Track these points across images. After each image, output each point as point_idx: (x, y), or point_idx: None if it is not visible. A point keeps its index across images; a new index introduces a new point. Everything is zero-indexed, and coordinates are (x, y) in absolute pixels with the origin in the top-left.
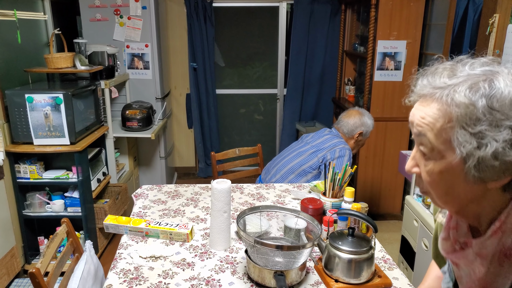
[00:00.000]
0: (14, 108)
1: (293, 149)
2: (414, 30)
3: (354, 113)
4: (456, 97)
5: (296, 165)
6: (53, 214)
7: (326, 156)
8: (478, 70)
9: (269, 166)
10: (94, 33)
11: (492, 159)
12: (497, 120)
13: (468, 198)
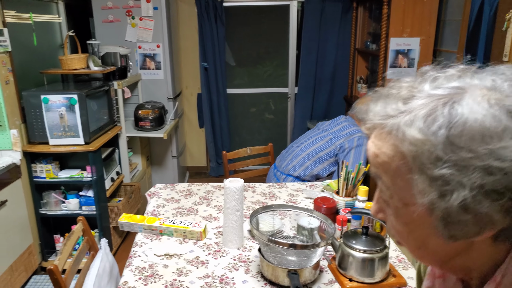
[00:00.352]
0: (31, 109)
1: (309, 136)
2: (428, 27)
3: (364, 100)
4: (409, 131)
5: (313, 151)
6: (68, 212)
7: (344, 144)
8: (443, 87)
9: (284, 153)
10: (106, 34)
11: (461, 212)
12: (462, 159)
13: (448, 254)
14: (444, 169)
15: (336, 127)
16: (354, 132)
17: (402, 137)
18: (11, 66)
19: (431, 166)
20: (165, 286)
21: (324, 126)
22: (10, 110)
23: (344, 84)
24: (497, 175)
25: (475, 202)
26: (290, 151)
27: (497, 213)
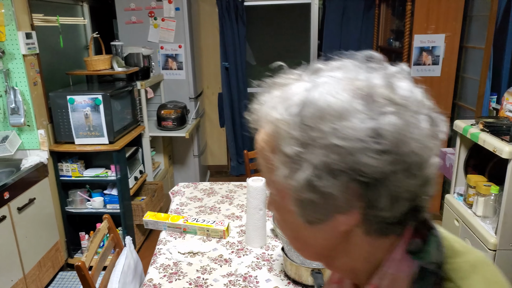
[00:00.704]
0: (57, 109)
1: None
2: (454, 23)
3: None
4: (272, 113)
5: None
6: (93, 210)
7: None
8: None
9: None
10: (129, 35)
11: (308, 192)
12: (310, 138)
13: (323, 246)
14: (294, 147)
15: None
16: None
17: (266, 120)
18: (39, 68)
19: (285, 145)
20: (189, 283)
21: None
22: (37, 110)
23: None
24: (341, 154)
25: (320, 181)
26: None
27: (342, 194)
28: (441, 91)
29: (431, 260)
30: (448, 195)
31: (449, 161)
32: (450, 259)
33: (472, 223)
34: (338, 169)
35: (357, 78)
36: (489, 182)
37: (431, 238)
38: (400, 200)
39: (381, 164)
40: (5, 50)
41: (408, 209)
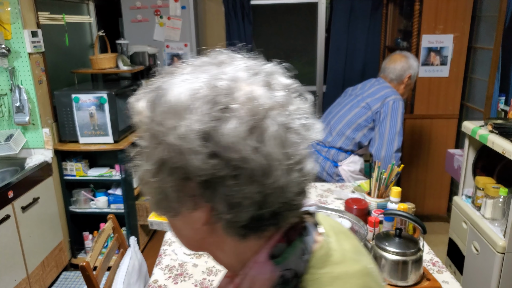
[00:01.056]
0: (62, 108)
1: (343, 104)
2: (462, 23)
3: (399, 57)
4: (138, 103)
5: (351, 119)
6: (97, 210)
7: (379, 110)
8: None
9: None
10: (135, 34)
11: (149, 185)
12: (156, 132)
13: (192, 237)
14: (143, 140)
15: (369, 91)
16: (388, 94)
17: (135, 110)
18: (44, 66)
19: (139, 137)
20: (195, 285)
21: (356, 91)
22: (42, 109)
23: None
24: (175, 153)
25: (158, 177)
26: (327, 123)
27: (179, 193)
28: (449, 92)
29: (289, 267)
30: (456, 197)
31: (457, 162)
32: (314, 269)
33: (480, 225)
34: (173, 167)
35: (204, 79)
36: (497, 184)
37: (296, 244)
38: (242, 205)
39: (210, 167)
40: (11, 48)
41: (260, 214)
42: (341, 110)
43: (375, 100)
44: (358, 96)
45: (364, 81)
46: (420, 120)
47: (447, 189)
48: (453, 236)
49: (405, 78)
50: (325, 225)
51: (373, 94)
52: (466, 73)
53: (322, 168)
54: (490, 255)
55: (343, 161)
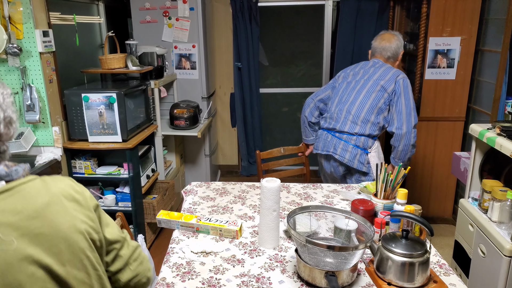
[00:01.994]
0: (72, 107)
1: (358, 90)
2: (470, 26)
3: (391, 36)
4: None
5: (372, 104)
6: (105, 208)
7: (395, 90)
8: None
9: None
10: (144, 34)
11: None
12: None
13: None
14: None
15: (377, 73)
16: (395, 73)
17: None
18: (55, 66)
19: None
20: (202, 283)
21: (364, 76)
22: (53, 107)
23: None
24: None
25: None
26: (347, 112)
27: None
28: (456, 94)
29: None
30: (462, 199)
31: (464, 165)
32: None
33: (487, 228)
34: None
35: None
36: (505, 187)
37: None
38: None
39: None
40: (22, 47)
41: None
42: (359, 97)
43: (388, 82)
44: (370, 79)
45: (361, 64)
46: (426, 123)
47: (452, 192)
48: (459, 238)
49: (400, 55)
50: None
51: (383, 76)
52: (473, 76)
53: (353, 156)
54: (497, 258)
55: (371, 147)
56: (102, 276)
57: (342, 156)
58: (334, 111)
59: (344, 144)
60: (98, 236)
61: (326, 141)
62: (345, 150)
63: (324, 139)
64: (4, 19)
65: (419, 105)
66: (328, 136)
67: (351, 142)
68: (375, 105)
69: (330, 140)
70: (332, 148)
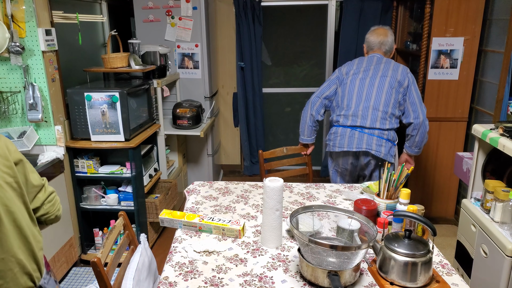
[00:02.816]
0: (74, 106)
1: (375, 87)
2: (473, 26)
3: (386, 31)
4: None
5: (395, 99)
6: (107, 207)
7: (408, 84)
8: None
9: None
10: (147, 33)
11: None
12: None
13: None
14: None
15: (390, 69)
16: (404, 68)
17: None
18: (57, 65)
19: None
20: (205, 282)
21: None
22: (55, 106)
23: None
24: None
25: None
26: (374, 109)
27: None
28: (459, 94)
29: None
30: (464, 199)
31: (466, 165)
32: None
33: (489, 228)
34: None
35: None
36: (507, 187)
37: None
38: None
39: None
40: (25, 46)
41: None
42: (381, 94)
43: (402, 77)
44: (385, 77)
45: (364, 61)
46: (429, 123)
47: (455, 192)
48: (461, 239)
49: (394, 49)
50: None
51: (396, 72)
52: (476, 76)
53: (387, 150)
54: (499, 259)
55: (396, 140)
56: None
57: (378, 152)
58: (358, 109)
59: (378, 139)
60: (14, 180)
61: (353, 138)
62: (380, 145)
63: (350, 136)
64: (6, 18)
65: None
66: (355, 133)
67: (384, 137)
68: (396, 100)
69: (359, 137)
70: (365, 145)
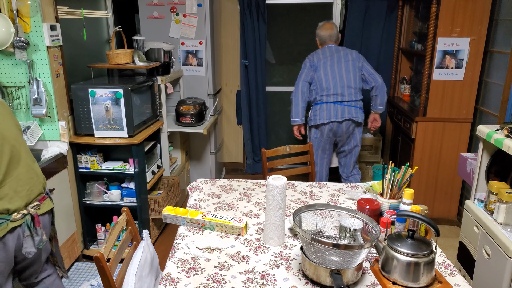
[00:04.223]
0: (78, 101)
1: (343, 71)
2: (479, 26)
3: (331, 25)
4: None
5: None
6: (110, 203)
7: (362, 62)
8: None
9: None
10: (151, 30)
11: None
12: None
13: None
14: None
15: (348, 54)
16: (355, 52)
17: None
18: (62, 60)
19: None
20: (207, 279)
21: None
22: (59, 102)
23: (387, 84)
24: None
25: None
26: (349, 87)
27: None
28: (464, 95)
29: None
30: (468, 201)
31: (470, 166)
32: None
33: (492, 230)
34: None
35: None
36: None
37: None
38: None
39: None
40: (29, 41)
41: None
42: (350, 76)
43: (356, 57)
44: (348, 62)
45: (325, 51)
46: (433, 123)
47: (458, 193)
48: (464, 239)
49: (339, 37)
50: None
51: (352, 56)
52: (481, 77)
53: (361, 116)
54: (502, 260)
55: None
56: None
57: (357, 117)
58: (337, 89)
59: (355, 109)
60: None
61: (337, 111)
62: (357, 112)
63: (334, 109)
64: (11, 13)
65: (426, 106)
66: (338, 107)
67: (358, 106)
68: (359, 77)
69: (341, 109)
70: (347, 114)
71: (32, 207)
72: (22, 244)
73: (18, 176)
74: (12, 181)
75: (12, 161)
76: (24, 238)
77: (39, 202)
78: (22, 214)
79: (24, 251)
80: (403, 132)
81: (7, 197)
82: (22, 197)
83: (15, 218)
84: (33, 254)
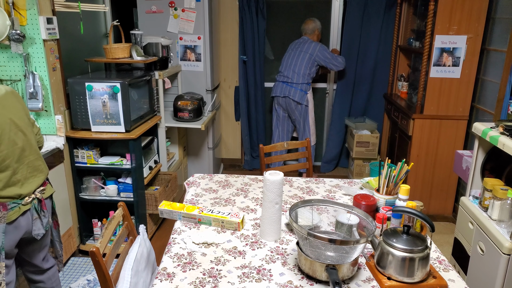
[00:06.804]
0: (75, 95)
1: (295, 58)
2: (477, 24)
3: (310, 21)
4: None
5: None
6: (106, 198)
7: (317, 53)
8: None
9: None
10: (149, 24)
11: None
12: None
13: None
14: None
15: (306, 46)
16: (315, 45)
17: None
18: (59, 54)
19: None
20: (203, 274)
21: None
22: (56, 96)
23: (385, 82)
24: None
25: None
26: (293, 71)
27: None
28: (460, 93)
29: None
30: (463, 197)
31: (466, 163)
32: None
33: (487, 226)
34: None
35: None
36: (506, 186)
37: None
38: None
39: None
40: (26, 34)
41: None
42: (297, 62)
43: (312, 50)
44: (302, 51)
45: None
46: (429, 121)
47: (453, 190)
48: (459, 236)
49: (316, 31)
50: None
51: (309, 48)
52: (478, 75)
53: (300, 96)
54: (496, 256)
55: (309, 91)
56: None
57: (294, 96)
58: (287, 71)
59: (294, 89)
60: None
61: (283, 88)
62: (295, 92)
63: (281, 87)
64: (7, 5)
65: (423, 103)
66: (284, 85)
67: (298, 87)
68: (309, 65)
69: (284, 88)
70: (287, 92)
71: (39, 191)
72: (32, 226)
73: (29, 164)
74: (23, 168)
75: (24, 149)
76: (33, 220)
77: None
78: (32, 198)
79: (34, 233)
80: (400, 129)
81: (19, 183)
82: (31, 183)
83: (26, 202)
84: (41, 236)
